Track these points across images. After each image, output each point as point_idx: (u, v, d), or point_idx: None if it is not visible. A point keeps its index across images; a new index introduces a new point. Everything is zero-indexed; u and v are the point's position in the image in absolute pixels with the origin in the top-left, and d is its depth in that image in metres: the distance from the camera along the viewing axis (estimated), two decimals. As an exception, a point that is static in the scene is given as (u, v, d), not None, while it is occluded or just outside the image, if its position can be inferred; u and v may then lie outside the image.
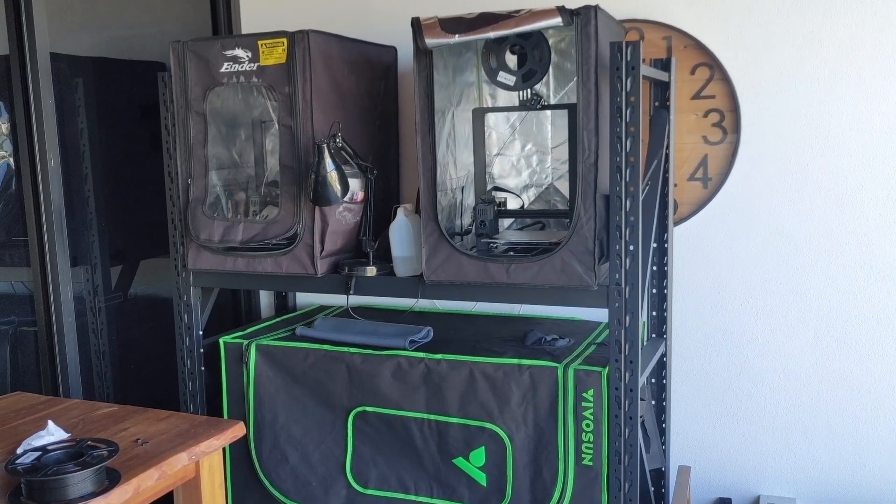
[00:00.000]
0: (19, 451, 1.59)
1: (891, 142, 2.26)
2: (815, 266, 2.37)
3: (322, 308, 2.83)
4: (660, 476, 2.43)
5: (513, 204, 2.42)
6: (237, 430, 1.79)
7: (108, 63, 2.69)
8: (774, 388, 2.45)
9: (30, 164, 2.36)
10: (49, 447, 1.56)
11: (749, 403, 2.48)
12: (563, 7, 1.89)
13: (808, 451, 2.44)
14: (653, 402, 2.43)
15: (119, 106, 2.71)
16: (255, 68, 2.21)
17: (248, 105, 2.50)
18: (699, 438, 2.54)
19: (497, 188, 2.40)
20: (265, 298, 3.01)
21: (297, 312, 2.81)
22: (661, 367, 2.42)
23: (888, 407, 2.35)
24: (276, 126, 2.29)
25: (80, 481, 1.45)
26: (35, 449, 1.56)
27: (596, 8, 1.88)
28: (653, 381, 2.43)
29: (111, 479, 1.52)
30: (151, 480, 1.56)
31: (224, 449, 2.41)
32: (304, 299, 2.94)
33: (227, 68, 2.24)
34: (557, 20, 1.89)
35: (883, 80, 2.24)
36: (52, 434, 1.68)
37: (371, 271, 2.24)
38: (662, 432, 2.45)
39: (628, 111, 1.88)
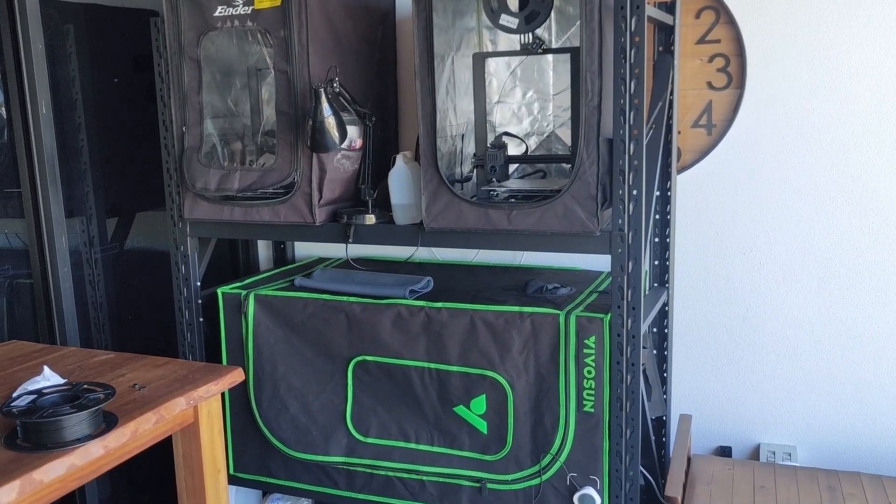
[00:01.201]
0: (15, 394, 1.58)
1: (899, 86, 2.22)
2: (819, 214, 2.34)
3: (321, 260, 2.80)
4: (661, 424, 2.42)
5: (515, 152, 2.39)
6: (236, 376, 1.77)
7: (100, 9, 2.63)
8: (776, 337, 2.43)
9: (21, 111, 2.32)
10: (45, 390, 1.54)
11: (751, 352, 2.47)
12: (565, -57, 1.83)
13: (808, 400, 2.43)
14: (654, 351, 2.42)
15: (112, 54, 2.66)
16: (249, 12, 2.16)
17: (243, 52, 2.45)
18: (700, 387, 2.54)
19: (507, 133, 2.36)
20: (263, 250, 2.98)
21: (296, 264, 2.79)
22: (663, 316, 2.41)
23: (890, 355, 2.34)
24: (272, 73, 2.24)
25: (76, 423, 1.43)
26: (30, 392, 1.54)
27: (600, -56, 1.82)
28: (654, 329, 2.42)
29: (108, 423, 1.50)
30: (149, 424, 1.54)
31: (224, 398, 2.40)
32: (303, 251, 2.92)
33: (220, 12, 2.19)
34: (560, -43, 1.83)
35: (892, 22, 2.19)
36: (48, 379, 1.66)
37: (370, 219, 2.21)
38: (664, 381, 2.44)
39: (633, 52, 1.84)
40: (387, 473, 2.25)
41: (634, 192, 1.90)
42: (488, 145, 2.25)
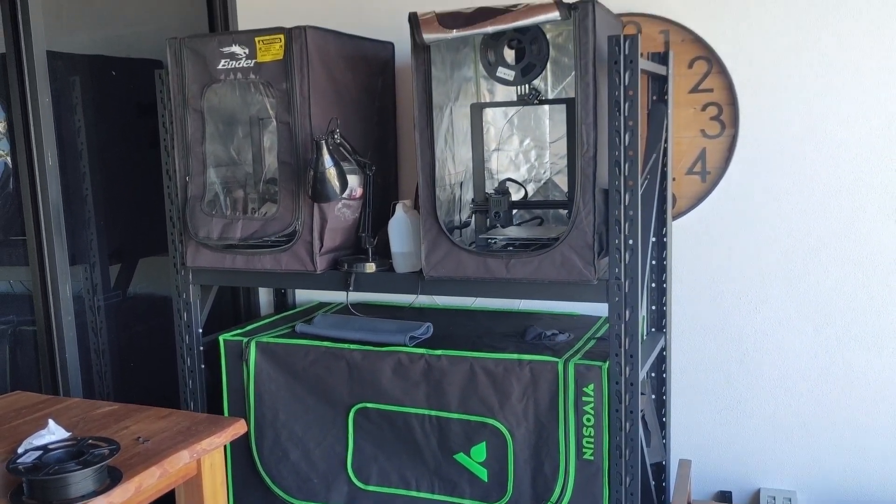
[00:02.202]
0: (20, 450, 1.59)
1: (888, 134, 2.26)
2: (814, 259, 2.37)
3: (321, 305, 2.83)
4: (660, 470, 2.43)
5: (515, 197, 2.42)
6: (238, 428, 1.79)
7: (105, 61, 2.68)
8: (774, 381, 2.45)
9: (27, 162, 2.36)
10: (50, 446, 1.55)
11: (749, 396, 2.48)
12: (560, 1, 1.88)
13: (808, 444, 2.44)
14: (653, 396, 2.44)
15: (116, 104, 2.71)
16: (252, 65, 2.21)
17: (246, 102, 2.50)
18: (699, 432, 2.55)
19: (510, 179, 2.39)
20: (264, 296, 3.01)
21: (297, 309, 2.81)
22: (661, 361, 2.42)
23: (888, 399, 2.35)
24: (274, 123, 2.29)
25: (81, 480, 1.44)
26: (36, 448, 1.56)
27: (594, 2, 1.87)
28: (653, 375, 2.43)
29: (113, 478, 1.52)
30: (153, 479, 1.56)
31: (225, 446, 2.41)
32: (304, 296, 2.94)
33: (224, 65, 2.23)
34: (555, 14, 1.88)
35: (880, 73, 2.24)
36: (53, 433, 1.68)
37: (370, 268, 2.24)
38: (663, 426, 2.45)
39: (627, 105, 1.88)
40: (388, 521, 2.25)
41: (630, 242, 1.93)
42: (492, 191, 2.28)
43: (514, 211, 2.45)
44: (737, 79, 2.36)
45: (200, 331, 2.47)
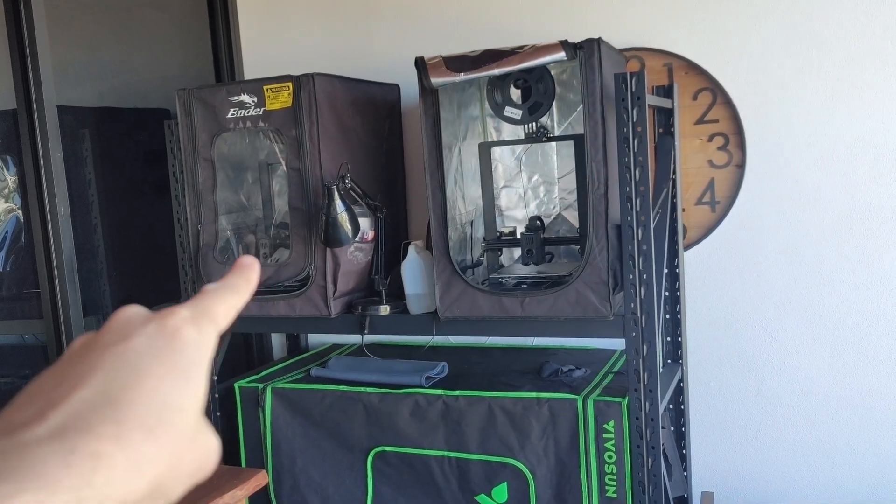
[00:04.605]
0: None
1: (896, 158, 2.27)
2: (827, 285, 2.37)
3: (335, 346, 2.82)
4: (683, 503, 2.41)
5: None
6: (260, 479, 1.78)
7: (114, 112, 2.71)
8: (793, 409, 2.44)
9: (40, 216, 2.37)
10: None
11: (768, 425, 2.47)
12: (566, 41, 1.90)
13: (830, 473, 2.42)
14: (672, 428, 2.42)
15: (126, 155, 2.73)
16: (261, 113, 2.23)
17: (255, 148, 2.52)
18: (720, 463, 2.53)
19: (538, 218, 2.38)
20: (277, 339, 3.00)
21: (311, 352, 2.81)
22: (679, 393, 2.41)
23: (909, 423, 2.34)
24: (283, 168, 2.30)
25: (106, 540, 1.43)
26: None
27: (599, 41, 1.89)
28: (671, 407, 2.42)
29: (136, 536, 1.50)
30: (176, 534, 1.54)
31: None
32: (317, 338, 2.93)
33: (233, 114, 2.26)
34: (561, 55, 1.90)
35: (886, 97, 2.26)
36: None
37: (385, 310, 2.24)
38: (683, 458, 2.43)
39: (636, 141, 1.89)
40: (410, 565, 2.23)
41: (645, 276, 1.93)
42: (524, 229, 2.27)
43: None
44: (742, 108, 2.37)
45: (215, 378, 2.46)
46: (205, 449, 0.41)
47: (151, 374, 0.39)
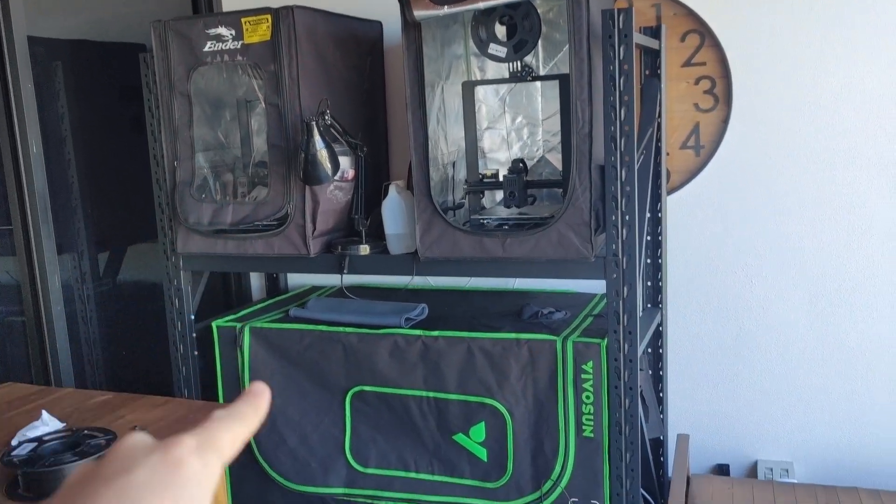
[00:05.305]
0: (14, 442, 1.57)
1: (882, 105, 2.25)
2: (808, 231, 2.36)
3: (314, 288, 2.80)
4: (659, 445, 2.43)
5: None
6: (236, 414, 1.77)
7: (87, 45, 2.63)
8: (770, 354, 2.45)
9: (11, 150, 2.32)
10: (45, 438, 1.53)
11: (745, 370, 2.49)
12: (553, -25, 1.85)
13: (804, 416, 2.45)
14: (650, 372, 2.43)
15: (100, 89, 2.66)
16: (239, 46, 2.17)
17: (233, 84, 2.45)
18: (696, 406, 2.55)
19: (520, 160, 2.36)
20: (256, 280, 2.98)
21: (290, 294, 2.79)
22: (658, 337, 2.42)
23: (883, 369, 2.36)
24: (262, 105, 2.25)
25: (79, 471, 1.42)
26: (30, 440, 1.53)
27: (586, -25, 1.84)
28: (649, 350, 2.43)
29: (111, 468, 1.49)
30: (152, 468, 1.53)
31: (221, 433, 2.39)
32: (296, 280, 2.91)
33: (210, 47, 2.19)
34: (548, -12, 1.85)
35: (874, 43, 2.23)
36: (47, 424, 1.65)
37: (364, 250, 2.21)
38: (660, 402, 2.45)
39: (622, 80, 1.86)
40: None
41: (627, 218, 1.92)
42: (507, 172, 2.25)
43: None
44: (730, 51, 2.34)
45: (193, 317, 2.44)
46: None
47: None
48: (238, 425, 0.45)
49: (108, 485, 0.38)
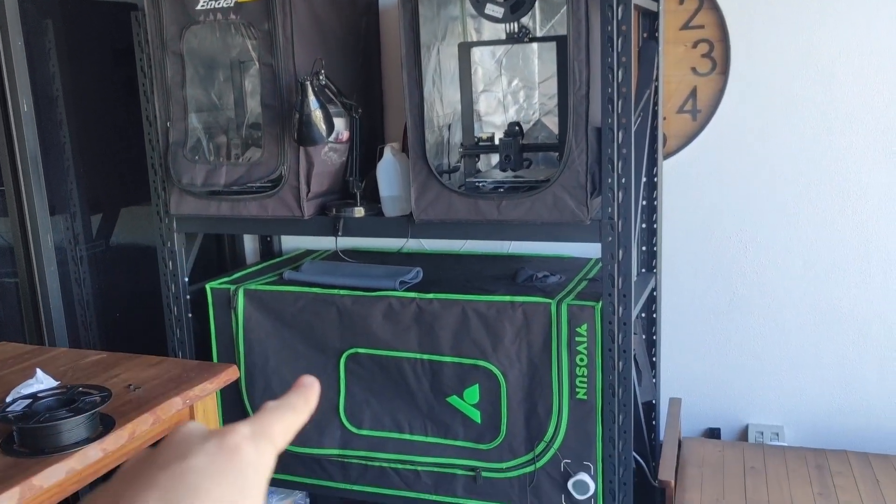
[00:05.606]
0: (9, 398, 1.57)
1: (882, 68, 2.24)
2: (803, 197, 2.36)
3: (308, 252, 2.80)
4: (651, 408, 2.45)
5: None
6: (230, 374, 1.77)
7: (79, 3, 2.59)
8: (763, 319, 2.46)
9: (2, 110, 2.29)
10: (40, 394, 1.53)
11: (738, 335, 2.50)
12: (551, -68, 1.83)
13: (795, 380, 2.47)
14: (643, 336, 2.44)
15: (92, 48, 2.62)
16: (232, 4, 2.13)
17: (226, 45, 2.42)
18: (689, 370, 2.56)
19: (516, 123, 2.34)
20: (250, 243, 2.97)
21: (284, 257, 2.78)
22: (651, 301, 2.43)
23: (874, 335, 2.37)
24: (256, 65, 2.22)
25: (73, 427, 1.42)
26: (25, 396, 1.53)
27: (585, -67, 1.82)
28: (643, 314, 2.44)
29: (105, 425, 1.50)
30: (146, 425, 1.54)
31: (216, 394, 2.39)
32: (290, 244, 2.90)
33: (203, 5, 2.16)
34: (546, -54, 1.83)
35: (872, 9, 2.21)
36: (41, 382, 1.65)
37: (359, 212, 2.20)
38: (653, 365, 2.46)
39: (619, 41, 1.84)
40: (381, 465, 2.26)
41: (623, 181, 1.91)
42: (503, 135, 2.23)
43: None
44: (728, 14, 2.32)
45: (186, 279, 2.43)
46: None
47: (210, 495, 0.38)
48: (290, 415, 0.46)
49: (165, 471, 0.39)
